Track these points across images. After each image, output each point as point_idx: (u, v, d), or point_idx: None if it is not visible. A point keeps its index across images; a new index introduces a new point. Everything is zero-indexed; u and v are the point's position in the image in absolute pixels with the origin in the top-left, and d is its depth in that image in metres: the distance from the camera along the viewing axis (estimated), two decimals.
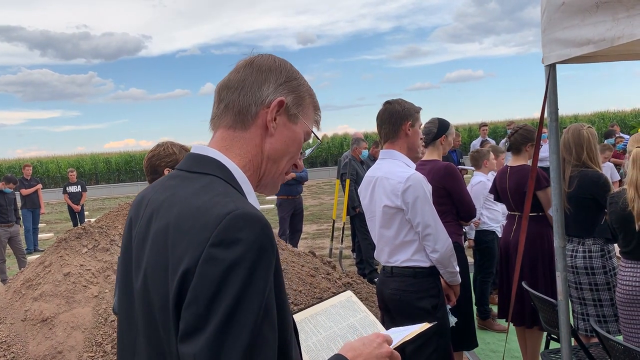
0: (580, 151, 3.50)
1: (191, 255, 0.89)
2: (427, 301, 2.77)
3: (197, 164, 1.08)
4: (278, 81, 1.12)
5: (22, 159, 33.05)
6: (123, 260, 1.12)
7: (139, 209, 1.11)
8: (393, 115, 2.82)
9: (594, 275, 3.40)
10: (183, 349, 0.88)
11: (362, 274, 7.04)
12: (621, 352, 2.41)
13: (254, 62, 1.13)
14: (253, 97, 1.10)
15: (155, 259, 0.97)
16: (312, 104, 1.19)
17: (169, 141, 2.92)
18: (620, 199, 3.03)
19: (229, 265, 0.87)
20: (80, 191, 12.35)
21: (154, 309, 0.96)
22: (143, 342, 1.01)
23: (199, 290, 0.87)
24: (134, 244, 1.07)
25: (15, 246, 9.01)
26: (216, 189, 1.00)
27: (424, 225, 2.71)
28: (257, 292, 0.88)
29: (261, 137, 1.11)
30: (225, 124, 1.11)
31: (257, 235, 0.90)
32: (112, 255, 4.86)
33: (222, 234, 0.89)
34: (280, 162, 1.14)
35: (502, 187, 4.11)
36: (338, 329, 1.56)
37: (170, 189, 1.05)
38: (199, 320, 0.86)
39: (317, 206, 16.74)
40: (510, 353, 4.44)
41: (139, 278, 1.01)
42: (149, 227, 1.03)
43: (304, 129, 1.16)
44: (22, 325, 4.29)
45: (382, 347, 1.12)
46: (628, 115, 33.27)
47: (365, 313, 1.66)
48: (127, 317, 1.07)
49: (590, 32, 2.13)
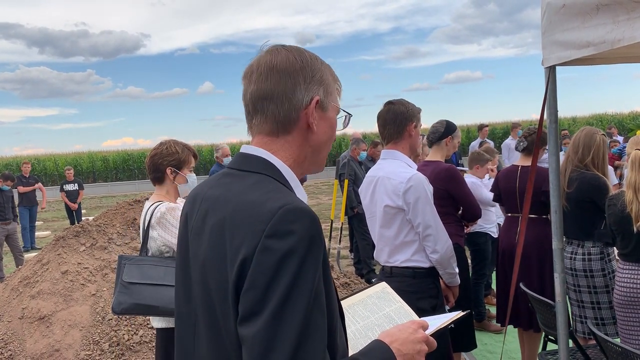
0: (586, 154, 3.48)
1: (248, 245, 0.98)
2: (426, 302, 2.77)
3: (248, 163, 1.15)
4: (307, 80, 1.16)
5: (19, 157, 32.95)
6: (180, 252, 1.21)
7: (194, 205, 1.19)
8: (398, 116, 2.82)
9: (593, 277, 3.40)
10: (242, 330, 0.96)
11: (359, 274, 7.04)
12: (618, 354, 2.42)
13: (276, 66, 1.15)
14: (290, 105, 1.14)
15: (213, 251, 1.06)
16: (334, 81, 1.23)
17: (171, 140, 2.91)
18: (619, 201, 3.04)
19: (283, 254, 0.95)
20: (78, 189, 12.32)
21: (213, 296, 1.05)
22: (203, 327, 1.10)
23: (256, 277, 0.95)
24: (190, 237, 1.16)
25: (12, 244, 8.98)
26: (267, 186, 1.08)
27: (425, 226, 2.72)
28: (308, 280, 0.96)
29: (304, 136, 1.17)
30: (267, 132, 1.17)
31: (308, 228, 0.98)
32: (110, 254, 4.86)
33: (276, 226, 0.97)
34: (324, 148, 1.23)
35: (507, 187, 4.02)
36: (375, 318, 1.62)
37: (224, 185, 1.14)
38: (257, 305, 0.94)
39: (315, 206, 16.74)
40: (508, 354, 4.45)
41: (198, 269, 1.10)
42: (205, 221, 1.11)
43: (336, 110, 1.24)
44: (19, 323, 4.28)
45: (418, 332, 1.18)
46: (626, 118, 33.33)
47: (400, 303, 1.72)
48: (186, 305, 1.16)
49: (591, 35, 2.13)
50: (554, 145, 2.66)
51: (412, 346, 1.14)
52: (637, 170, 2.92)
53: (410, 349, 1.13)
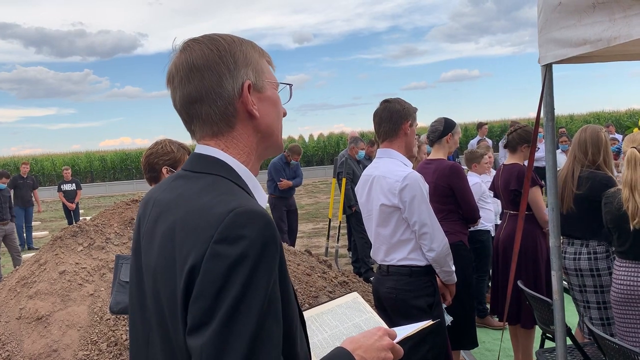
0: (597, 154, 3.46)
1: (196, 252, 0.92)
2: (423, 300, 2.78)
3: (201, 164, 1.09)
4: (230, 68, 1.08)
5: (16, 157, 32.89)
6: (134, 259, 1.15)
7: (146, 209, 1.13)
8: (394, 115, 2.83)
9: (600, 276, 3.38)
10: (190, 342, 0.91)
11: (357, 272, 7.05)
12: (616, 351, 2.42)
13: (194, 64, 1.07)
14: (222, 101, 1.07)
15: (163, 258, 1.00)
16: (261, 56, 1.15)
17: (167, 139, 2.90)
18: (615, 199, 3.04)
19: (233, 261, 0.90)
20: (75, 189, 12.30)
21: (164, 307, 0.99)
22: (157, 337, 1.04)
23: (204, 286, 0.90)
24: (143, 243, 1.10)
25: (9, 244, 8.97)
26: (219, 188, 1.02)
27: (421, 224, 2.72)
28: (261, 287, 0.90)
29: (249, 125, 1.11)
30: (210, 134, 1.11)
31: (260, 232, 0.93)
32: (108, 254, 4.85)
33: (226, 231, 0.91)
34: (275, 128, 1.16)
35: (496, 185, 4.18)
36: (343, 327, 1.59)
37: (175, 189, 1.08)
38: (205, 314, 0.89)
39: (313, 205, 16.73)
40: (505, 352, 4.46)
41: (150, 276, 1.05)
42: (156, 226, 1.06)
43: (273, 85, 1.16)
44: (17, 324, 4.27)
45: (383, 339, 1.13)
46: (623, 116, 33.38)
47: (370, 314, 1.68)
48: (140, 313, 1.10)
49: (587, 33, 2.13)
50: (551, 143, 2.66)
51: (376, 353, 1.09)
52: (633, 168, 2.92)
53: (375, 356, 1.09)
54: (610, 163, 3.50)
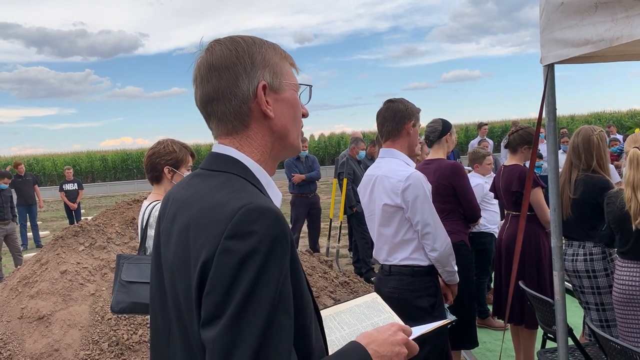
0: (590, 158, 3.45)
1: (209, 247, 0.95)
2: (425, 300, 2.78)
3: (216, 162, 1.13)
4: (247, 69, 1.11)
5: (17, 157, 32.91)
6: (154, 255, 1.19)
7: (166, 207, 1.18)
8: (397, 114, 2.83)
9: (596, 278, 3.38)
10: (204, 334, 0.94)
11: (358, 272, 7.05)
12: (617, 351, 2.42)
13: (213, 64, 1.11)
14: (237, 100, 1.10)
15: (179, 254, 1.04)
16: (283, 59, 1.17)
17: (169, 139, 2.90)
18: (617, 199, 3.04)
19: (243, 256, 0.92)
20: (77, 189, 12.31)
21: (181, 302, 1.03)
22: (176, 332, 1.07)
23: (216, 280, 0.93)
24: (162, 240, 1.15)
25: (11, 244, 8.97)
26: (232, 186, 1.05)
27: (424, 224, 2.72)
28: (271, 281, 0.93)
29: (264, 125, 1.14)
30: (225, 132, 1.14)
31: (270, 227, 0.95)
32: (109, 253, 4.86)
33: (236, 227, 0.94)
34: (291, 130, 1.17)
35: (497, 186, 4.18)
36: (362, 326, 1.59)
37: (192, 187, 1.12)
38: (217, 308, 0.92)
39: None
40: (507, 352, 4.45)
41: (168, 272, 1.09)
42: (173, 224, 1.10)
43: (293, 87, 1.18)
44: (18, 323, 4.27)
45: (397, 334, 1.14)
46: (624, 116, 33.38)
47: (389, 314, 1.68)
48: (161, 309, 1.14)
49: (589, 33, 2.13)
50: (553, 144, 2.66)
51: (390, 348, 1.10)
52: (635, 168, 2.92)
53: (389, 350, 1.09)
54: (606, 165, 3.48)
